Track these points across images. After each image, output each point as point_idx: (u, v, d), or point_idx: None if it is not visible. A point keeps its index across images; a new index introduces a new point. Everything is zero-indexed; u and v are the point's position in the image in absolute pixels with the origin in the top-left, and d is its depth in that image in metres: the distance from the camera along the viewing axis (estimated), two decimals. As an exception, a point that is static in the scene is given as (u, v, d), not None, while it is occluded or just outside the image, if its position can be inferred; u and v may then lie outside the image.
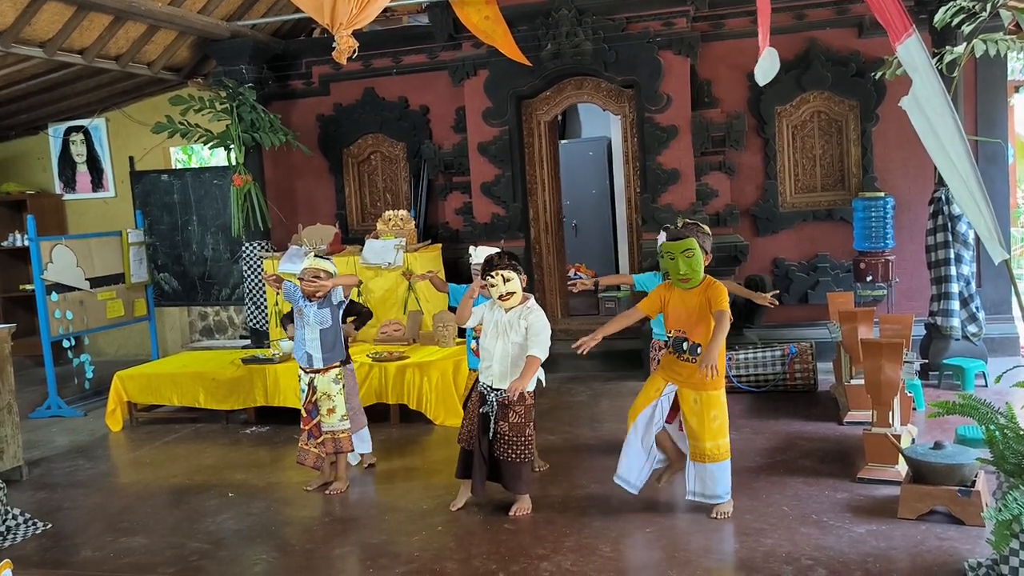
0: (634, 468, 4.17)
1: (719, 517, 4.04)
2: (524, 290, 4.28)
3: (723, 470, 4.04)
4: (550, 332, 4.24)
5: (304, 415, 4.85)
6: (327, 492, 4.82)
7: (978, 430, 3.46)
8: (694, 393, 4.03)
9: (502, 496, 4.39)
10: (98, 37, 7.08)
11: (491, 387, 4.26)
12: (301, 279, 4.80)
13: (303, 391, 4.88)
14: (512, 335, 4.20)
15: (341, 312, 4.92)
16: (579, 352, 4.02)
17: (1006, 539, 2.89)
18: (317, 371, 4.81)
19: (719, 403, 4.03)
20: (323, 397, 4.82)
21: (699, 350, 3.98)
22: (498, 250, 4.39)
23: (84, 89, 8.52)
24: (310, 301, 4.80)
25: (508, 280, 4.16)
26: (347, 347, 5.17)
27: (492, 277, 4.17)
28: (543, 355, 4.15)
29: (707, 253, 4.12)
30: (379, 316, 7.22)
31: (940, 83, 3.10)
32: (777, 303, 4.81)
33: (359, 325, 5.43)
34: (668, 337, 4.15)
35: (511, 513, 4.25)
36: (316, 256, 4.89)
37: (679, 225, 4.11)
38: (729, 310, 3.96)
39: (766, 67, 4.72)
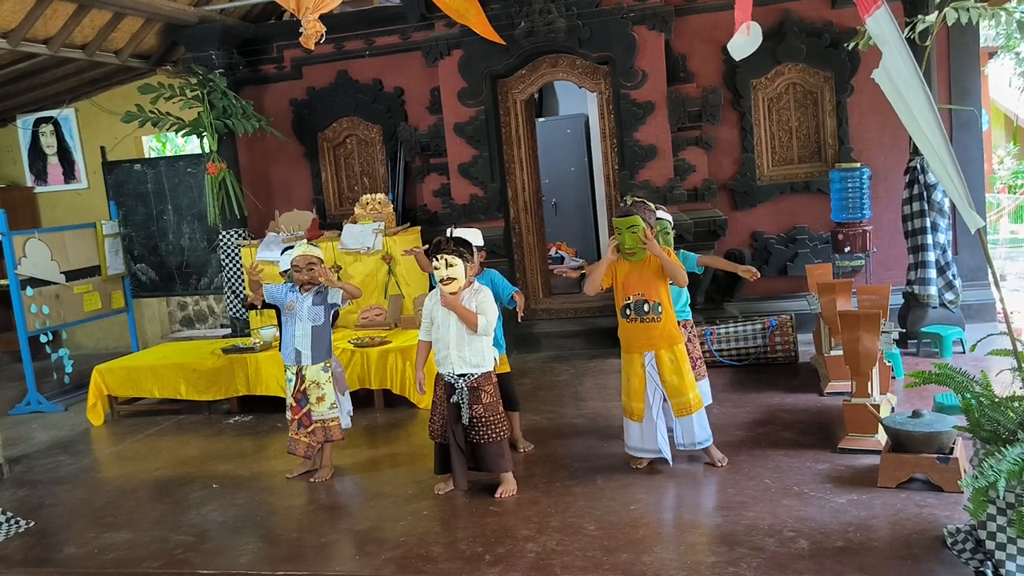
0: (659, 437, 4.34)
1: (720, 465, 4.36)
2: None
3: (703, 415, 4.39)
4: (496, 316, 4.28)
5: (293, 404, 4.83)
6: (312, 480, 4.81)
7: (956, 397, 3.49)
8: (668, 352, 4.31)
9: (487, 478, 4.40)
10: (63, 26, 6.95)
11: (455, 374, 4.26)
12: (296, 268, 4.74)
13: (290, 381, 4.85)
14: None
15: (332, 314, 4.89)
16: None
17: (983, 505, 2.92)
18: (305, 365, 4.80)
19: (687, 356, 4.39)
20: (312, 385, 4.80)
21: (660, 308, 4.25)
22: (450, 234, 4.37)
23: (51, 79, 8.38)
24: (302, 293, 4.76)
25: (451, 265, 4.16)
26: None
27: (436, 260, 4.18)
28: (481, 325, 4.17)
29: (651, 228, 4.29)
30: (360, 301, 7.19)
31: (910, 54, 3.10)
32: (758, 275, 4.85)
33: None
34: (627, 303, 4.31)
35: (497, 495, 4.26)
36: (308, 243, 4.85)
37: (628, 203, 4.28)
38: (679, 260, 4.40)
39: (742, 43, 4.72)
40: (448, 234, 4.67)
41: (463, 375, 4.24)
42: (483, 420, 4.23)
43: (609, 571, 3.41)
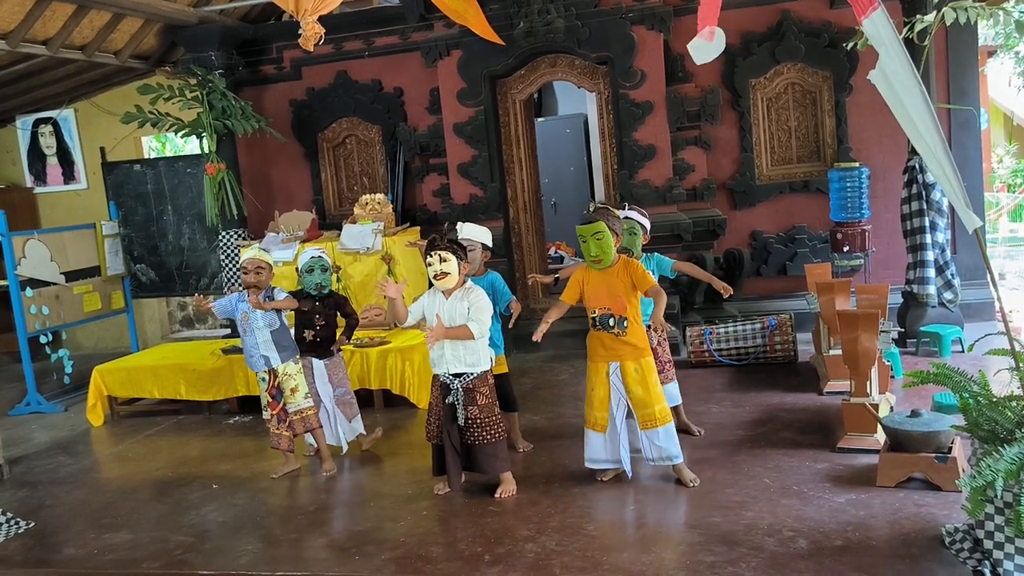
0: (622, 448, 4.26)
1: (692, 485, 4.19)
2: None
3: (671, 430, 4.23)
4: (490, 315, 4.25)
5: (270, 400, 4.91)
6: (323, 474, 4.88)
7: (954, 397, 3.50)
8: (634, 363, 4.19)
9: (486, 478, 4.40)
10: (62, 27, 6.95)
11: (451, 374, 4.26)
12: (245, 271, 4.82)
13: (264, 380, 4.93)
14: (457, 318, 4.21)
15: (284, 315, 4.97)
16: (536, 340, 4.10)
17: (981, 505, 2.93)
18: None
19: (654, 367, 4.26)
20: (285, 378, 4.89)
21: (625, 323, 4.15)
22: (445, 230, 4.41)
23: (51, 80, 8.38)
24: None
25: (445, 261, 4.17)
26: (336, 341, 5.27)
27: (431, 256, 4.21)
28: (476, 333, 4.16)
29: (617, 236, 4.20)
30: (359, 301, 7.19)
31: (906, 56, 3.11)
32: (731, 291, 4.82)
33: (349, 334, 5.38)
34: (594, 316, 4.22)
35: (496, 495, 4.27)
36: (260, 249, 4.93)
37: (591, 210, 4.24)
38: (656, 282, 4.20)
39: (702, 46, 4.76)
40: (456, 230, 4.68)
41: (459, 375, 4.24)
42: (478, 422, 4.23)
43: (608, 571, 3.41)
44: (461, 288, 4.26)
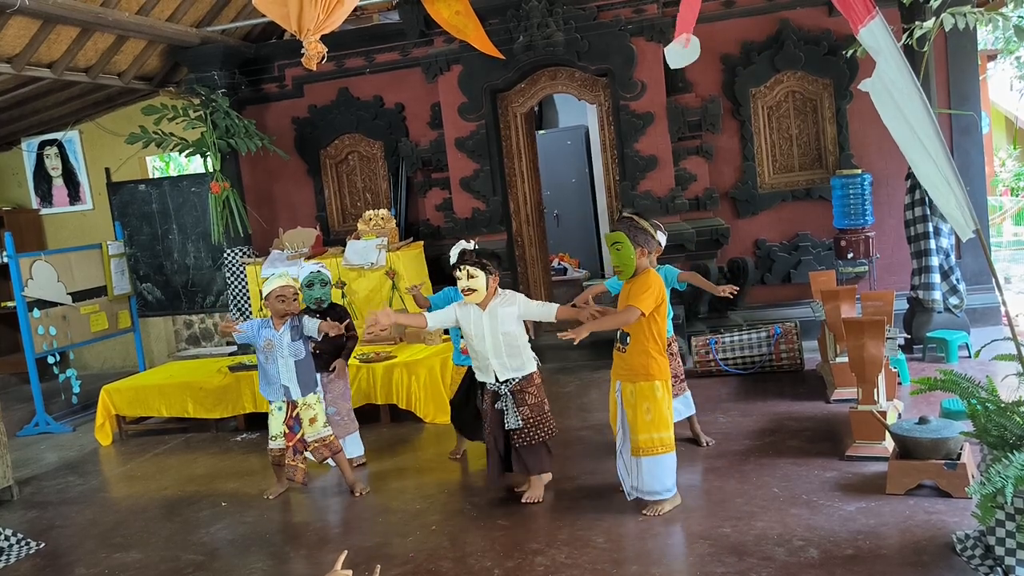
0: (621, 465, 4.21)
1: (649, 515, 4.01)
2: (507, 287, 4.31)
3: (657, 465, 3.99)
4: (523, 303, 4.31)
5: (286, 431, 4.78)
6: (357, 494, 4.75)
7: (962, 403, 3.49)
8: (630, 385, 4.06)
9: (494, 492, 4.41)
10: (66, 50, 7.00)
11: (499, 381, 4.30)
12: (282, 299, 4.69)
13: (280, 410, 4.79)
14: (501, 326, 4.23)
15: (311, 344, 4.88)
16: (572, 342, 3.93)
17: (991, 512, 2.92)
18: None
19: (652, 396, 3.98)
20: (304, 408, 4.78)
21: (628, 339, 4.03)
22: (473, 246, 4.45)
23: (55, 102, 8.44)
24: (277, 329, 4.73)
25: (472, 277, 4.20)
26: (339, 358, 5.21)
27: (459, 271, 4.23)
28: (554, 305, 4.28)
29: (640, 247, 4.02)
30: (364, 317, 7.21)
31: (906, 63, 3.12)
32: (735, 292, 4.80)
33: (346, 356, 5.33)
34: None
35: (524, 499, 4.31)
36: (281, 274, 4.86)
37: (616, 217, 4.16)
38: (641, 307, 3.90)
39: (678, 51, 4.84)
40: (472, 246, 4.69)
41: (505, 381, 4.28)
42: (531, 422, 4.27)
43: (619, 583, 3.41)
44: (496, 298, 4.28)
